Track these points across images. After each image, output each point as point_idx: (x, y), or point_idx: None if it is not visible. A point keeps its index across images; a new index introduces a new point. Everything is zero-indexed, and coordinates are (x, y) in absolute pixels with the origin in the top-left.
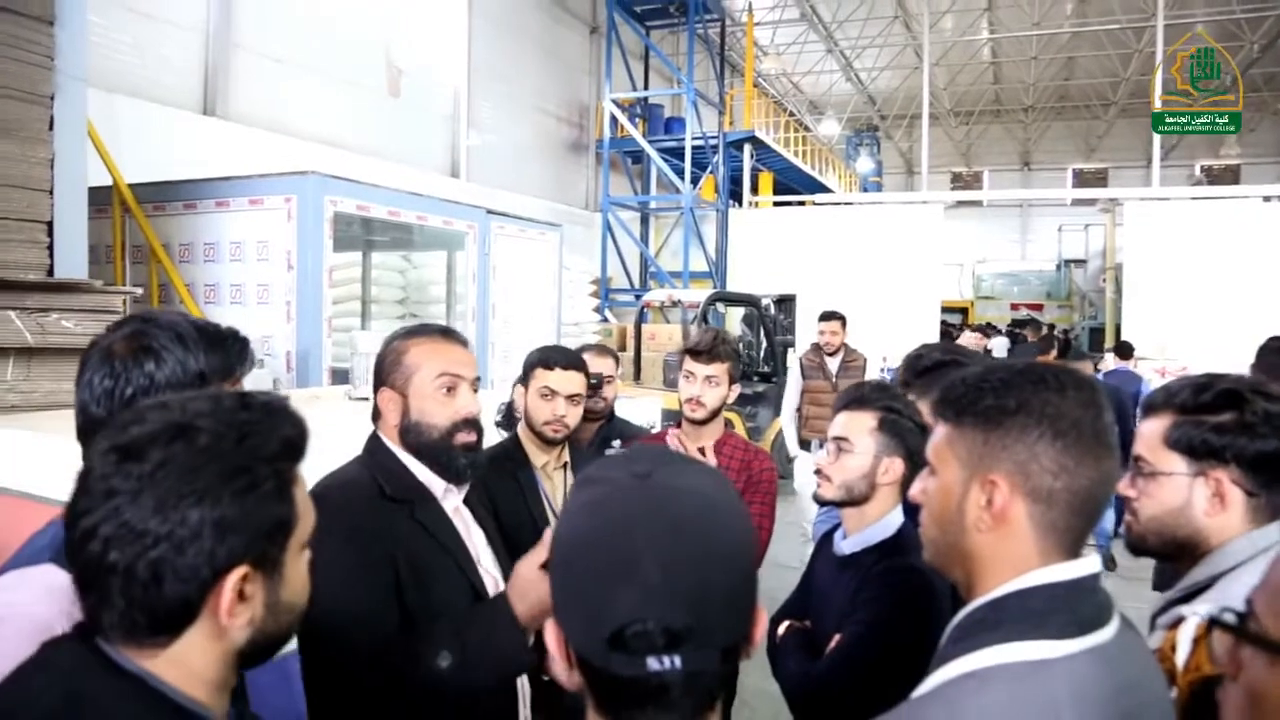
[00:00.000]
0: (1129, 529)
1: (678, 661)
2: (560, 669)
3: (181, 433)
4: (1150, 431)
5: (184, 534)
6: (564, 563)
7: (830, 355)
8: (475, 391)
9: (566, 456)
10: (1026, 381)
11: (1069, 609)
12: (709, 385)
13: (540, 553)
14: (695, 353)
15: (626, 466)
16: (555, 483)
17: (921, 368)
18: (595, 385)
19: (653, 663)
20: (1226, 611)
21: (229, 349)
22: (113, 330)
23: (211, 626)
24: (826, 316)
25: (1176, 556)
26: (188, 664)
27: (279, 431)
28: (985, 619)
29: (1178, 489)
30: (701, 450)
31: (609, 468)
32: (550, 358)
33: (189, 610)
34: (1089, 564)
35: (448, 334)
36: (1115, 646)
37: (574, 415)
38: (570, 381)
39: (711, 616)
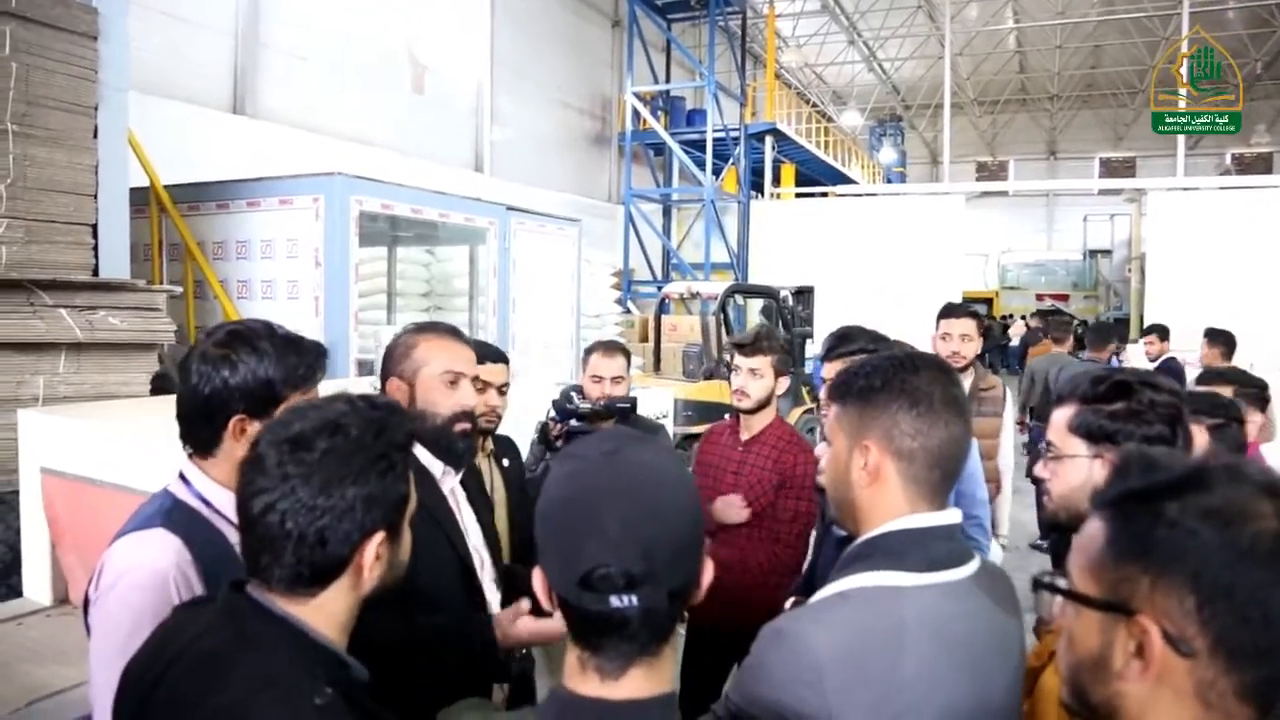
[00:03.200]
0: (1043, 507)
1: (634, 600)
2: (545, 606)
3: (337, 428)
4: (1058, 420)
5: (343, 507)
6: (546, 520)
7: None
8: (473, 387)
9: (492, 446)
10: (890, 366)
11: (923, 549)
12: (753, 377)
13: (523, 604)
14: (740, 346)
15: (597, 445)
16: (484, 470)
17: (841, 349)
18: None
19: (614, 600)
20: (1045, 574)
21: (304, 360)
22: (210, 334)
23: (352, 580)
24: (952, 311)
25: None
26: (328, 610)
27: (404, 426)
28: (859, 553)
29: (1080, 469)
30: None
31: (584, 446)
32: (481, 352)
33: (341, 566)
34: (948, 515)
35: (454, 333)
36: (965, 585)
37: (503, 405)
38: (499, 373)
39: (660, 564)
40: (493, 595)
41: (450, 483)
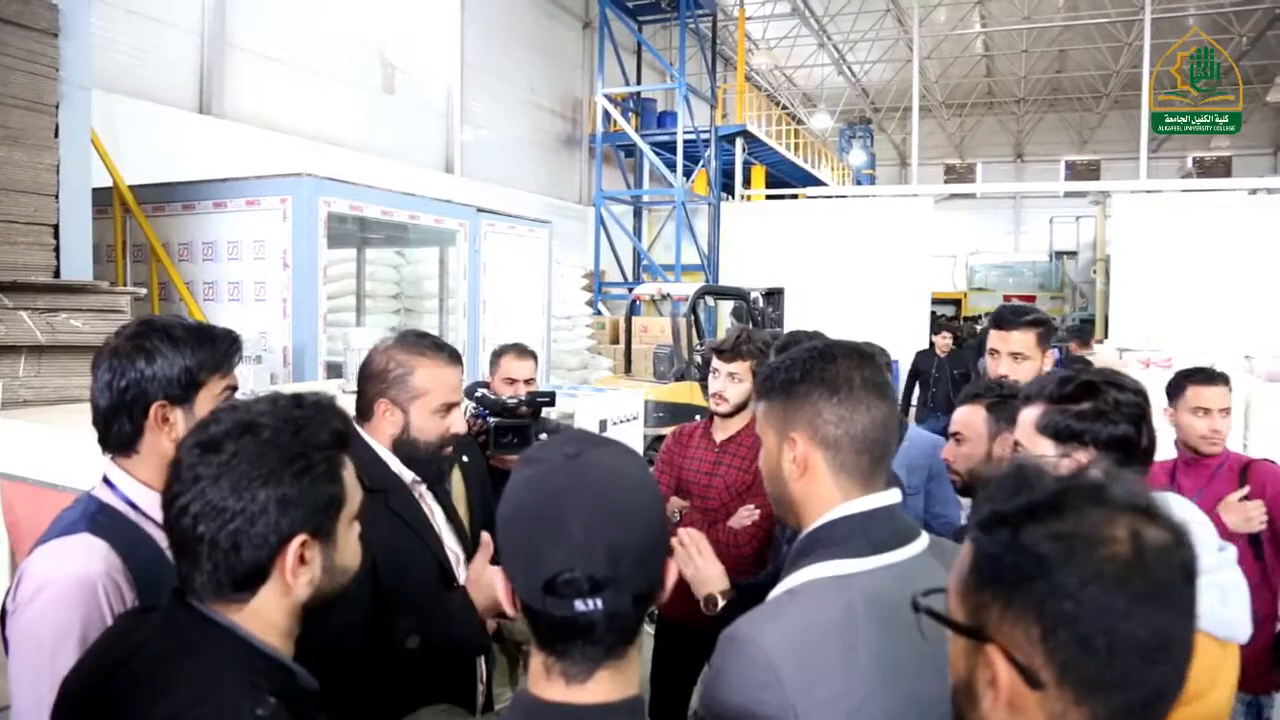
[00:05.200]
0: None
1: (599, 604)
2: (508, 611)
3: (249, 429)
4: (1025, 419)
5: (255, 509)
6: (507, 526)
7: None
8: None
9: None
10: (809, 357)
11: (865, 533)
12: (732, 381)
13: (485, 551)
14: (720, 351)
15: (560, 448)
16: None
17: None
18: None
19: (579, 605)
20: (922, 594)
21: (218, 346)
22: (120, 332)
23: (280, 585)
24: (1001, 321)
25: None
26: (263, 616)
27: (328, 425)
28: (804, 548)
29: None
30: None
31: (545, 449)
32: None
33: (261, 572)
34: (885, 496)
35: (451, 356)
36: (913, 564)
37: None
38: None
39: (625, 567)
40: None
41: (420, 488)
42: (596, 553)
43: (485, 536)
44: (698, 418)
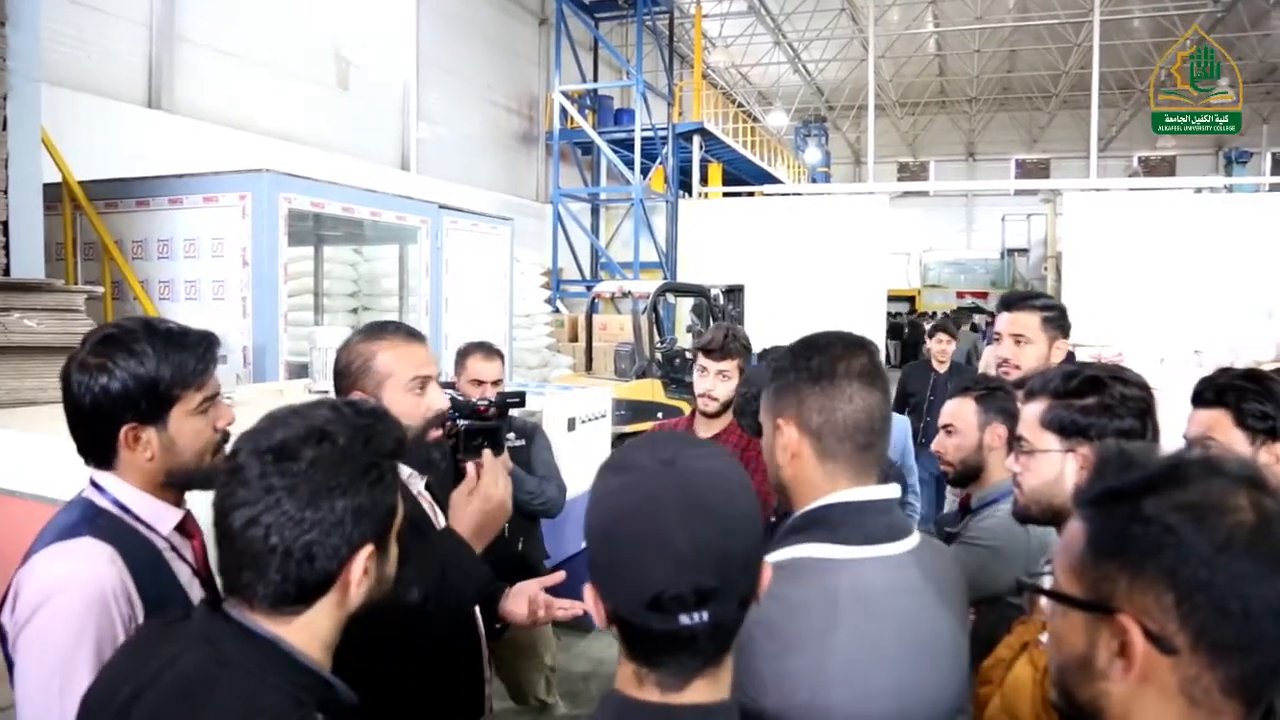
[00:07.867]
0: (1016, 500)
1: (705, 616)
2: (599, 624)
3: (324, 436)
4: (1029, 414)
5: (332, 520)
6: (603, 538)
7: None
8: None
9: None
10: (802, 347)
11: (858, 523)
12: (721, 380)
13: (469, 483)
14: (708, 351)
15: (652, 453)
16: None
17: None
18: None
19: (684, 619)
20: (1030, 574)
21: (190, 356)
22: (86, 339)
23: (339, 596)
24: (1007, 304)
25: (1056, 523)
26: (313, 628)
27: (392, 433)
28: (796, 526)
29: (1052, 463)
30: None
31: (635, 454)
32: None
33: (328, 582)
34: (883, 490)
35: (410, 333)
36: (903, 559)
37: None
38: None
39: (732, 576)
40: None
41: (417, 485)
42: (705, 565)
43: (470, 467)
44: (660, 415)
